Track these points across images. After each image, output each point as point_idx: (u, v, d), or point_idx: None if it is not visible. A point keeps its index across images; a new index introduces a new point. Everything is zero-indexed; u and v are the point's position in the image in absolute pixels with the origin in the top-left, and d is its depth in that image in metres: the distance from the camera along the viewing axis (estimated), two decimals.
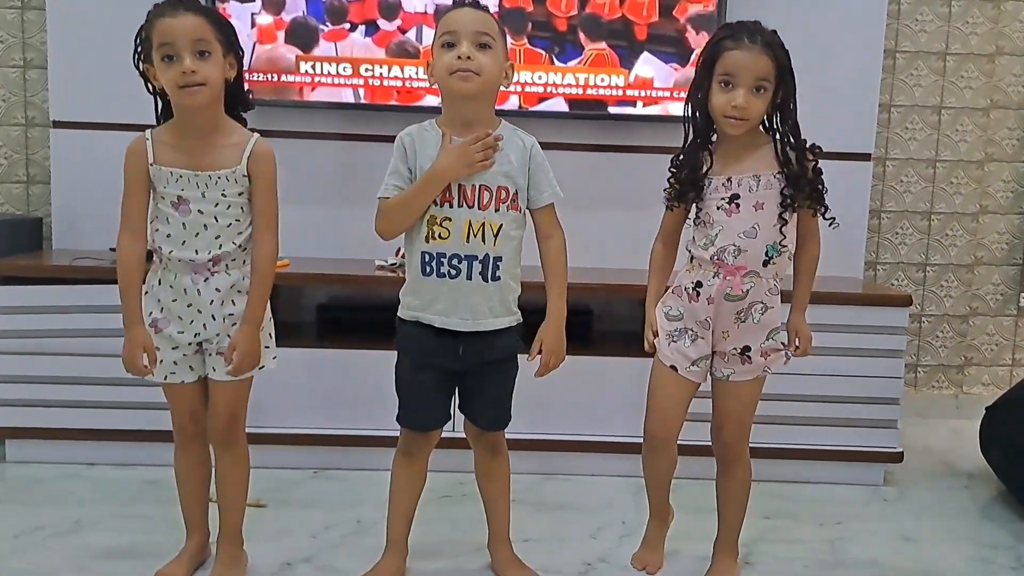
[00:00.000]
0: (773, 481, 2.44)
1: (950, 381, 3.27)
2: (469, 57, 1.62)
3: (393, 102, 2.74)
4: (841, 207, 2.90)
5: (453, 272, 1.67)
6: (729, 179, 1.73)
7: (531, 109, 2.75)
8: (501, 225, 1.67)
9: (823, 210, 1.75)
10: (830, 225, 1.77)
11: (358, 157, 2.85)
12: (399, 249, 2.77)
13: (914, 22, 3.08)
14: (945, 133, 3.14)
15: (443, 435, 1.87)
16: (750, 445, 1.88)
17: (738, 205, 1.72)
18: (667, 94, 2.76)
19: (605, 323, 2.87)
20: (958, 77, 3.12)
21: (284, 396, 2.46)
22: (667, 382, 1.81)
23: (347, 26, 2.71)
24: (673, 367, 1.79)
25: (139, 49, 1.68)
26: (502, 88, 1.72)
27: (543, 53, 2.75)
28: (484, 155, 1.65)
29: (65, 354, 2.43)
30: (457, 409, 1.85)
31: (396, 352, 1.81)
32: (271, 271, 1.73)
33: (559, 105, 2.76)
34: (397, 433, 2.40)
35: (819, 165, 1.74)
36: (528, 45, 2.76)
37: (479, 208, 1.66)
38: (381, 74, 2.70)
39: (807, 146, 1.73)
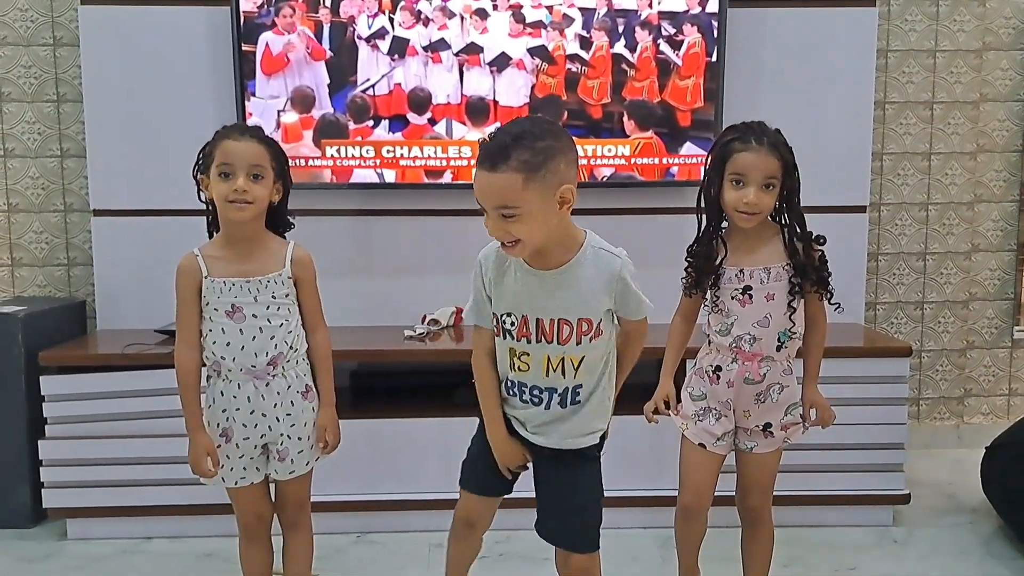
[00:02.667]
0: (789, 526, 2.58)
1: (951, 412, 3.43)
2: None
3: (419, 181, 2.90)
4: (840, 255, 3.09)
5: (536, 400, 1.67)
6: (741, 270, 1.88)
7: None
8: (583, 357, 1.63)
9: (829, 295, 1.90)
10: (836, 310, 1.93)
11: (380, 231, 3.01)
12: (425, 316, 2.94)
13: (901, 74, 3.25)
14: (935, 177, 3.30)
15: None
16: None
17: (751, 296, 1.87)
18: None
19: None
20: (945, 124, 3.28)
21: (323, 464, 2.60)
22: (697, 458, 1.96)
23: (371, 123, 2.85)
24: (701, 444, 1.95)
25: (200, 160, 1.84)
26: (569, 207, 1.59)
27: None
28: (511, 467, 1.73)
29: (118, 436, 2.59)
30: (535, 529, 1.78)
31: (479, 422, 1.81)
32: (329, 355, 1.93)
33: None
34: (431, 496, 2.59)
35: (824, 254, 1.89)
36: None
37: (559, 343, 1.62)
38: (403, 154, 2.86)
39: (812, 237, 1.89)
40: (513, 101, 2.88)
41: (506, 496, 2.05)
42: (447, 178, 2.89)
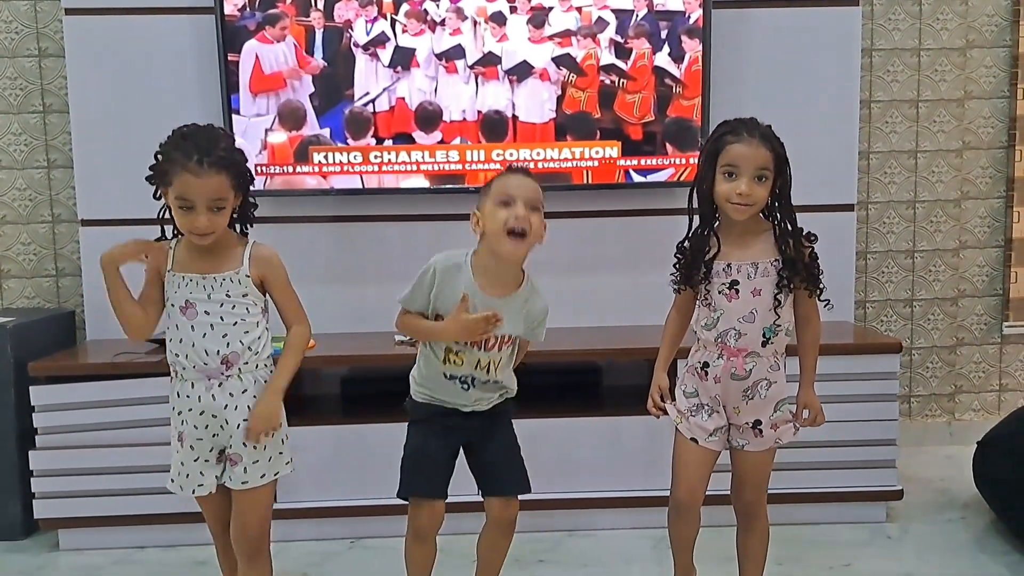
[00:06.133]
0: (783, 524, 2.57)
1: (942, 409, 3.44)
2: (525, 216, 1.81)
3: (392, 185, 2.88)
4: (830, 253, 3.11)
5: (465, 386, 1.93)
6: (729, 265, 1.89)
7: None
8: (501, 359, 1.93)
9: (819, 293, 1.91)
10: (826, 306, 1.93)
11: (368, 236, 3.01)
12: None
13: (886, 73, 3.26)
14: (922, 175, 3.32)
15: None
16: None
17: (737, 291, 1.88)
18: None
19: (615, 381, 3.01)
20: (931, 122, 3.30)
21: (315, 471, 2.61)
22: (690, 453, 1.96)
23: (372, 142, 2.70)
24: (694, 440, 1.95)
25: (156, 171, 1.77)
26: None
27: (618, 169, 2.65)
28: (486, 333, 1.84)
29: (109, 446, 2.58)
30: (481, 495, 2.00)
31: (408, 426, 1.99)
32: (302, 348, 1.87)
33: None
34: None
35: (815, 251, 1.90)
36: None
37: (485, 350, 1.89)
38: (389, 159, 2.84)
39: (803, 233, 1.89)
40: (537, 117, 2.64)
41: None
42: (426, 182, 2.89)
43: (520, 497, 2.27)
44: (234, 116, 2.79)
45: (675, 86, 2.66)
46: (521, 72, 2.63)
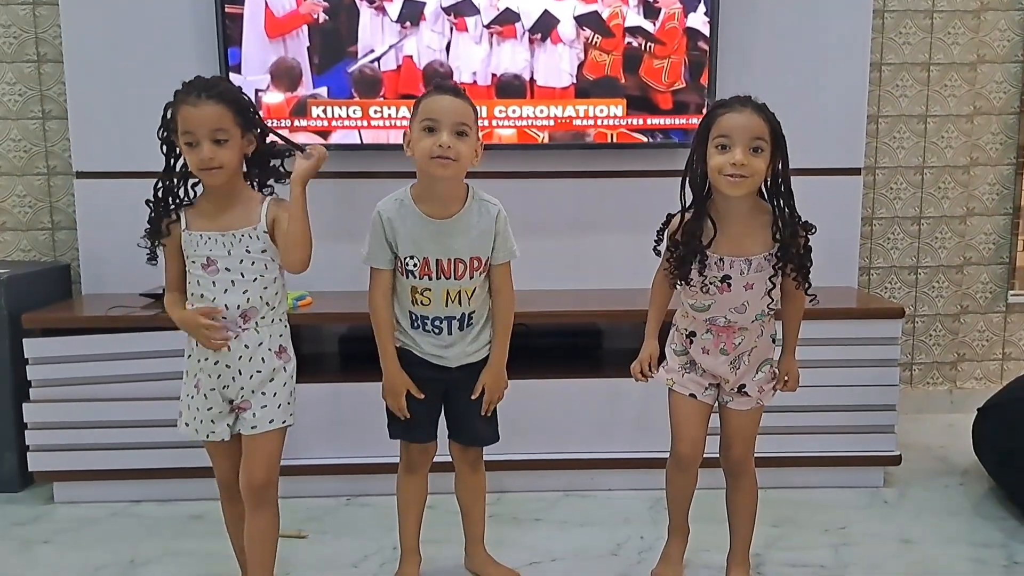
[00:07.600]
0: (780, 488, 2.58)
1: (944, 377, 3.42)
2: (449, 146, 1.80)
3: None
4: (835, 218, 3.09)
5: (436, 331, 1.93)
6: (722, 259, 1.85)
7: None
8: (474, 288, 1.92)
9: (807, 285, 1.87)
10: (810, 302, 1.92)
11: (368, 193, 2.96)
12: None
13: (898, 35, 3.20)
14: (931, 141, 3.27)
15: None
16: (755, 455, 2.03)
17: (729, 285, 1.85)
18: None
19: (615, 343, 2.99)
20: (942, 86, 3.24)
21: (313, 428, 2.60)
22: (689, 409, 1.96)
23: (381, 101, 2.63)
24: (692, 395, 1.95)
25: (166, 121, 1.81)
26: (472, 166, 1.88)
27: (644, 139, 2.49)
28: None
29: (105, 399, 2.56)
30: (447, 437, 2.06)
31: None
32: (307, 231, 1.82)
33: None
34: None
35: (809, 241, 1.85)
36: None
37: (455, 279, 1.89)
38: (390, 115, 2.80)
39: (800, 222, 1.84)
40: (555, 81, 2.49)
41: (494, 460, 2.13)
42: None
43: (519, 457, 2.28)
44: (231, 72, 2.74)
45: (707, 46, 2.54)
46: (541, 31, 2.50)
